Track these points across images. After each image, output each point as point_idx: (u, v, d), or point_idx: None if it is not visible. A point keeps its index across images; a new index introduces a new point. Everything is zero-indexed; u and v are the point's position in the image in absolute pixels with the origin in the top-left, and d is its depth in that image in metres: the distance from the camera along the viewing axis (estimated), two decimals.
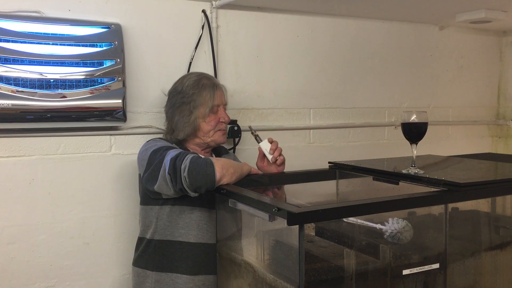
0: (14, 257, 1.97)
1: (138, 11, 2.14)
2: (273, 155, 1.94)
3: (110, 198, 2.12)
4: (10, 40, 1.85)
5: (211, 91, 1.94)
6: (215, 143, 2.00)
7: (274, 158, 1.94)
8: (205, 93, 1.93)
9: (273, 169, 1.96)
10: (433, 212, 1.67)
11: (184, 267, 1.85)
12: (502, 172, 1.94)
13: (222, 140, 2.01)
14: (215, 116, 1.96)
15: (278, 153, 1.94)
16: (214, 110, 1.95)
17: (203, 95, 1.93)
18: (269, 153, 1.94)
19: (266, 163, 1.97)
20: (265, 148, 1.95)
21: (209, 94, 1.93)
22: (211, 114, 1.95)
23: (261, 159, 1.99)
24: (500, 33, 3.24)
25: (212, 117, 1.95)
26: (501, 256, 1.77)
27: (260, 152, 1.98)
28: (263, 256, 1.69)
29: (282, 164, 1.96)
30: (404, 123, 1.71)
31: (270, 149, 1.94)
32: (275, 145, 1.95)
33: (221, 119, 1.97)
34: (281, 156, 1.95)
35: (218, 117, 1.97)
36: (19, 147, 1.96)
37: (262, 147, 1.96)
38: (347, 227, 1.57)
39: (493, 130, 3.30)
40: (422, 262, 1.54)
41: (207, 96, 1.93)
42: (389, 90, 2.85)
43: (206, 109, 1.92)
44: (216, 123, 1.96)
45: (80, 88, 1.94)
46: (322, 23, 2.60)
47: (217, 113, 1.97)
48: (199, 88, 1.93)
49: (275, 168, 1.96)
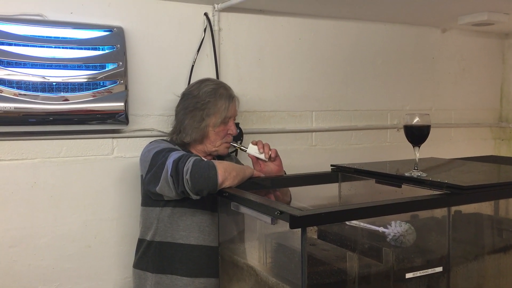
0: (16, 260, 1.97)
1: (140, 14, 2.14)
2: (264, 152, 1.94)
3: (112, 201, 2.12)
4: (12, 43, 1.85)
5: (227, 102, 1.95)
6: (217, 153, 2.01)
7: (266, 154, 1.94)
8: (221, 103, 1.93)
9: (272, 167, 1.96)
10: (436, 215, 1.66)
11: (184, 269, 1.85)
12: (505, 175, 1.93)
13: (225, 152, 2.03)
14: (225, 127, 1.97)
15: (267, 148, 1.95)
16: (225, 122, 1.96)
17: (218, 105, 1.93)
18: (259, 154, 1.95)
19: (263, 164, 1.97)
20: (253, 151, 1.96)
21: (224, 105, 1.94)
22: (222, 124, 1.95)
23: (256, 163, 1.98)
24: (502, 35, 3.23)
25: (222, 127, 1.96)
26: (505, 259, 1.76)
27: (252, 159, 1.98)
28: (266, 259, 1.69)
29: (276, 156, 1.97)
30: (406, 125, 1.70)
31: (257, 149, 1.95)
32: (261, 143, 1.96)
33: (229, 131, 1.98)
34: (272, 149, 1.96)
35: (227, 128, 1.97)
36: (21, 150, 1.96)
37: (250, 152, 1.97)
38: (350, 230, 1.57)
39: (495, 132, 3.29)
40: (425, 266, 1.54)
41: (222, 106, 1.93)
42: (391, 93, 2.85)
43: (219, 119, 1.93)
44: (224, 134, 1.97)
45: (83, 91, 1.94)
46: (324, 25, 2.60)
47: (227, 125, 1.97)
48: (215, 97, 1.94)
49: (273, 166, 1.96)
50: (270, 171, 1.96)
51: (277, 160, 1.97)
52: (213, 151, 1.98)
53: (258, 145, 1.95)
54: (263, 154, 1.94)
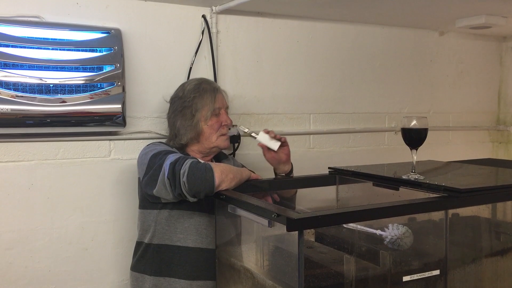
0: (13, 262, 1.96)
1: (138, 16, 2.14)
2: (275, 138, 1.93)
3: (110, 204, 2.12)
4: (9, 45, 1.85)
5: (212, 94, 1.95)
6: (218, 148, 1.99)
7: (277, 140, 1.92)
8: (206, 96, 1.94)
9: (282, 156, 1.95)
10: (434, 218, 1.66)
11: (182, 272, 1.84)
12: (503, 177, 1.93)
13: (225, 144, 2.00)
14: (217, 119, 1.96)
15: (278, 136, 1.94)
16: (216, 113, 1.96)
17: (204, 98, 1.93)
18: (270, 140, 1.93)
19: (273, 153, 1.95)
20: (264, 139, 1.94)
21: (210, 97, 1.94)
22: (213, 116, 1.95)
23: (267, 152, 1.96)
24: (500, 38, 3.24)
25: (214, 120, 1.95)
26: (502, 262, 1.76)
27: (263, 147, 1.96)
28: (263, 262, 1.69)
29: (285, 142, 1.96)
30: (404, 128, 1.70)
31: (269, 137, 1.93)
32: (273, 133, 1.94)
33: (223, 122, 1.97)
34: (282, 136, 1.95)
35: (220, 120, 1.96)
36: (18, 152, 1.95)
37: (261, 140, 1.94)
38: (347, 233, 1.56)
39: (493, 135, 3.29)
40: (423, 269, 1.54)
41: (208, 99, 1.94)
42: (389, 95, 2.85)
43: (208, 111, 1.93)
44: (218, 126, 1.96)
45: (80, 93, 1.94)
46: (322, 28, 2.60)
47: (219, 116, 1.97)
48: (199, 91, 1.94)
49: (283, 154, 1.95)
50: (279, 159, 1.96)
51: (285, 149, 1.96)
52: (212, 147, 1.97)
53: (270, 134, 1.93)
54: (273, 141, 1.92)
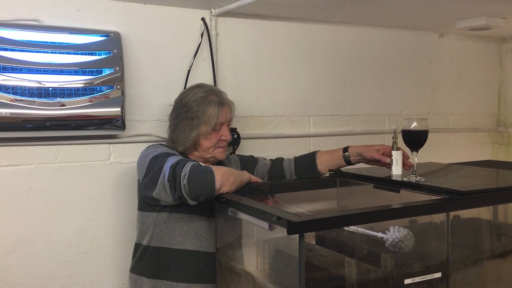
0: (12, 267, 1.95)
1: (137, 20, 2.14)
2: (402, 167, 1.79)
3: (109, 207, 2.11)
4: (8, 48, 1.84)
5: (217, 108, 1.91)
6: (214, 159, 1.99)
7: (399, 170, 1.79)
8: (210, 111, 1.90)
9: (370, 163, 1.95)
10: (435, 220, 1.66)
11: (180, 275, 1.84)
12: (504, 179, 1.93)
13: (221, 157, 1.99)
14: (217, 134, 1.94)
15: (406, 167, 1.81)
16: (217, 128, 1.94)
17: (207, 113, 1.90)
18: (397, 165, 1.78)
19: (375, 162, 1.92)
20: (396, 158, 1.78)
21: (214, 112, 1.91)
22: (213, 132, 1.93)
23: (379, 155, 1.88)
24: (500, 40, 3.24)
25: (214, 135, 1.93)
26: (504, 264, 1.75)
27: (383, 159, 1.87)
28: (263, 265, 1.68)
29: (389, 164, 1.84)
30: (404, 130, 1.70)
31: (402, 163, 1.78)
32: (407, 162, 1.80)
33: (222, 137, 1.95)
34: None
35: (220, 135, 1.95)
36: (17, 156, 1.95)
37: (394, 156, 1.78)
38: (348, 236, 1.56)
39: (493, 137, 3.29)
40: (424, 271, 1.53)
41: (212, 114, 1.90)
42: (389, 97, 2.85)
43: (209, 127, 1.91)
44: (217, 141, 1.94)
45: (79, 97, 1.93)
46: (322, 30, 2.60)
47: (220, 131, 1.95)
48: (204, 105, 1.91)
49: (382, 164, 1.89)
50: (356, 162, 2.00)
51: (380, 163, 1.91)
52: (208, 157, 1.96)
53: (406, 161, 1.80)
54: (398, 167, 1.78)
